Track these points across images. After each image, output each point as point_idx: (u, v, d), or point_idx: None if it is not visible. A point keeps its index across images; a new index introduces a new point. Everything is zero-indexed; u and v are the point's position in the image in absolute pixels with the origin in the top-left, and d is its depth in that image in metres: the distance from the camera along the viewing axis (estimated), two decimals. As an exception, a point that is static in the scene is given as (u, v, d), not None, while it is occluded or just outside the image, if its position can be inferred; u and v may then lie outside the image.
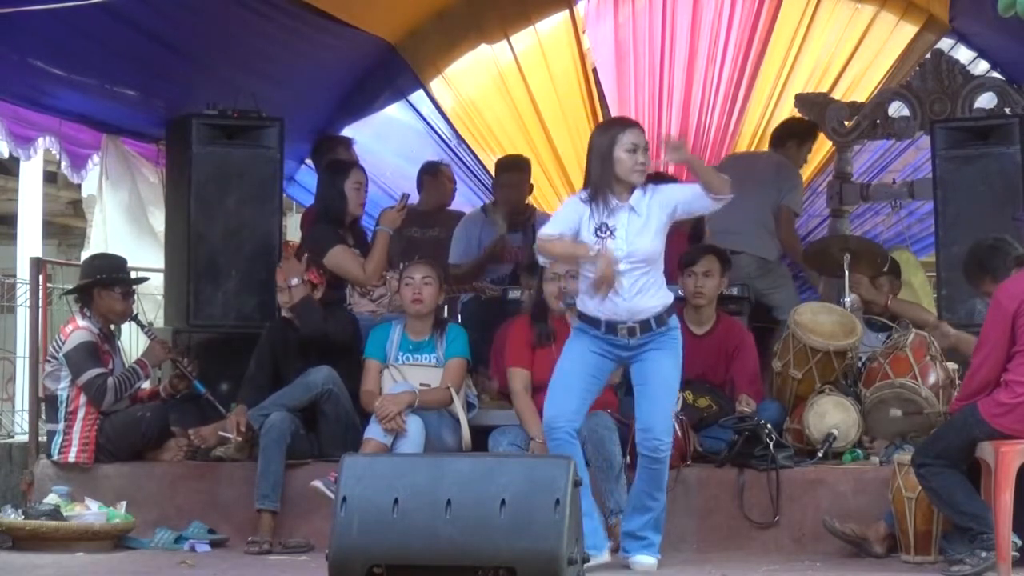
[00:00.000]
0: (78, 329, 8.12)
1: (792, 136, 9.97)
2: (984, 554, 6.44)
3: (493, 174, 10.13)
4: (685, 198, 6.75)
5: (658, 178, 9.71)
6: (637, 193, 6.68)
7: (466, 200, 10.70)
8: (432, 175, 9.91)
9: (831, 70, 10.58)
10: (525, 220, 9.53)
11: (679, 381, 6.87)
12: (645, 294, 6.65)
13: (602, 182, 6.63)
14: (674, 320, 6.77)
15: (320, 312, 8.06)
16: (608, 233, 6.61)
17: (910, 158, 10.51)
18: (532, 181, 9.89)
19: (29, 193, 11.68)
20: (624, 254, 6.60)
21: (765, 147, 10.72)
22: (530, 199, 9.92)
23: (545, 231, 6.73)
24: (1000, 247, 7.16)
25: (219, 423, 8.04)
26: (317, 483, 7.38)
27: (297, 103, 9.59)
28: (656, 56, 10.81)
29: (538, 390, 7.67)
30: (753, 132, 10.78)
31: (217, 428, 8.02)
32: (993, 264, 7.09)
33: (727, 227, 9.31)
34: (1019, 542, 6.47)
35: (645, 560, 6.76)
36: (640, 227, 6.64)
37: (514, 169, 9.76)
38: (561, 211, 6.88)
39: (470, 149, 10.89)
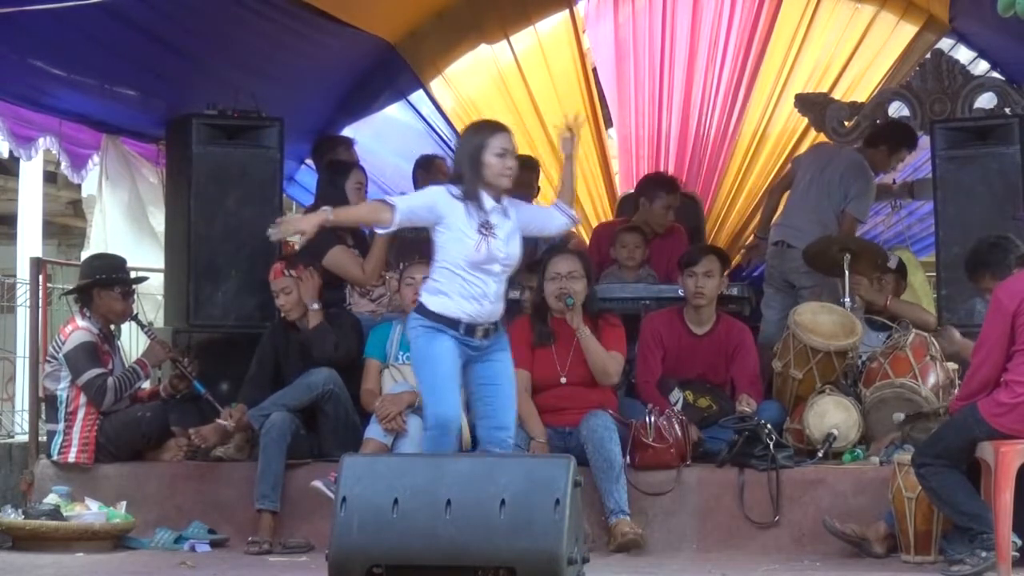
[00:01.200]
0: (78, 329, 8.12)
1: (886, 140, 9.49)
2: (984, 554, 6.44)
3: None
4: (539, 218, 6.78)
5: (660, 180, 9.79)
6: (505, 199, 6.62)
7: (466, 200, 10.68)
8: (426, 169, 9.89)
9: (831, 70, 10.58)
10: None
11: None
12: (502, 299, 6.62)
13: (472, 184, 6.54)
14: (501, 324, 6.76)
15: (333, 340, 8.01)
16: (490, 231, 6.52)
17: (910, 158, 10.49)
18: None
19: (29, 193, 11.69)
20: (504, 255, 6.54)
21: (765, 147, 10.75)
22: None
23: (403, 200, 6.60)
24: (1003, 245, 7.14)
25: (219, 424, 8.03)
26: (317, 483, 7.37)
27: (297, 103, 9.59)
28: (656, 56, 10.81)
29: (538, 390, 7.68)
30: (753, 132, 10.78)
31: (217, 427, 8.02)
32: (994, 260, 7.07)
33: (786, 220, 9.30)
34: (1019, 542, 6.47)
35: None
36: (511, 231, 6.59)
37: (526, 168, 9.76)
38: (424, 193, 6.73)
39: (470, 149, 10.87)
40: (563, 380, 7.65)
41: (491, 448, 6.60)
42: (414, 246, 9.27)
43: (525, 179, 9.72)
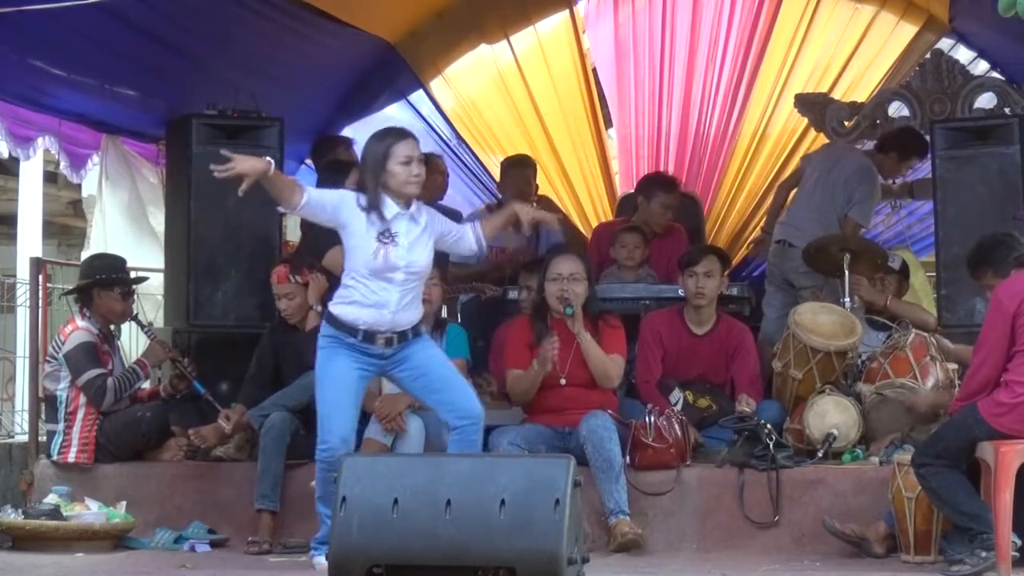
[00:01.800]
0: (77, 329, 8.12)
1: (897, 148, 9.44)
2: (984, 554, 6.44)
3: (499, 175, 10.13)
4: (451, 235, 6.74)
5: (658, 179, 9.79)
6: (415, 205, 6.62)
7: (465, 200, 10.69)
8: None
9: (831, 70, 10.57)
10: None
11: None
12: (410, 308, 6.61)
13: (374, 193, 6.55)
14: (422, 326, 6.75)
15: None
16: (391, 239, 6.54)
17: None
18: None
19: (29, 193, 11.69)
20: (405, 263, 6.54)
21: (765, 147, 10.75)
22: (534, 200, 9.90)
23: (315, 191, 6.70)
24: (1007, 243, 7.11)
25: (219, 424, 8.03)
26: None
27: (297, 103, 9.59)
28: (656, 56, 10.80)
29: (538, 391, 7.66)
30: (753, 132, 10.78)
31: (216, 427, 8.02)
32: (996, 257, 7.05)
33: (790, 219, 9.30)
34: (1019, 542, 6.47)
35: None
36: (417, 237, 6.59)
37: (524, 165, 9.79)
38: (335, 194, 6.74)
39: (470, 149, 10.88)
40: (562, 382, 7.65)
41: (456, 435, 6.63)
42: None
43: (526, 175, 9.74)
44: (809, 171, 9.47)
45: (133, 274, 8.54)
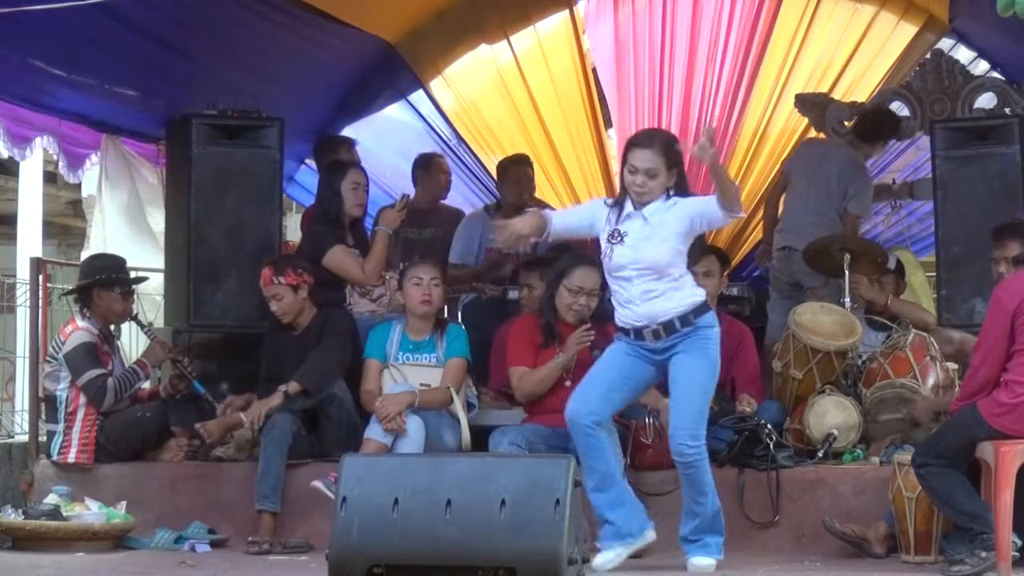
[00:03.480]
0: (77, 330, 8.12)
1: (869, 132, 9.58)
2: (984, 554, 6.43)
3: (496, 174, 10.13)
4: (700, 210, 6.68)
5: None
6: (657, 203, 6.65)
7: (465, 200, 10.70)
8: (426, 168, 9.89)
9: (831, 70, 10.57)
10: None
11: (711, 383, 6.70)
12: (660, 298, 6.61)
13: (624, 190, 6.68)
14: (705, 319, 6.66)
15: (318, 377, 7.98)
16: (619, 239, 6.62)
17: (910, 158, 10.50)
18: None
19: (29, 193, 11.70)
20: (628, 260, 6.60)
21: (765, 147, 10.75)
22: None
23: (557, 214, 6.86)
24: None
25: (225, 417, 8.03)
26: (317, 483, 7.38)
27: (297, 103, 9.59)
28: (656, 56, 10.80)
29: (543, 392, 7.64)
30: (753, 132, 10.77)
31: (222, 423, 8.01)
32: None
33: (789, 225, 9.31)
34: (1019, 542, 6.47)
35: (700, 561, 6.68)
36: (647, 235, 6.61)
37: (521, 163, 9.79)
38: (582, 205, 6.90)
39: (470, 149, 10.88)
40: (568, 384, 7.63)
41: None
42: (416, 247, 9.30)
43: (523, 173, 9.73)
44: (796, 176, 9.47)
45: (133, 274, 8.54)
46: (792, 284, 9.23)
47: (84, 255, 9.24)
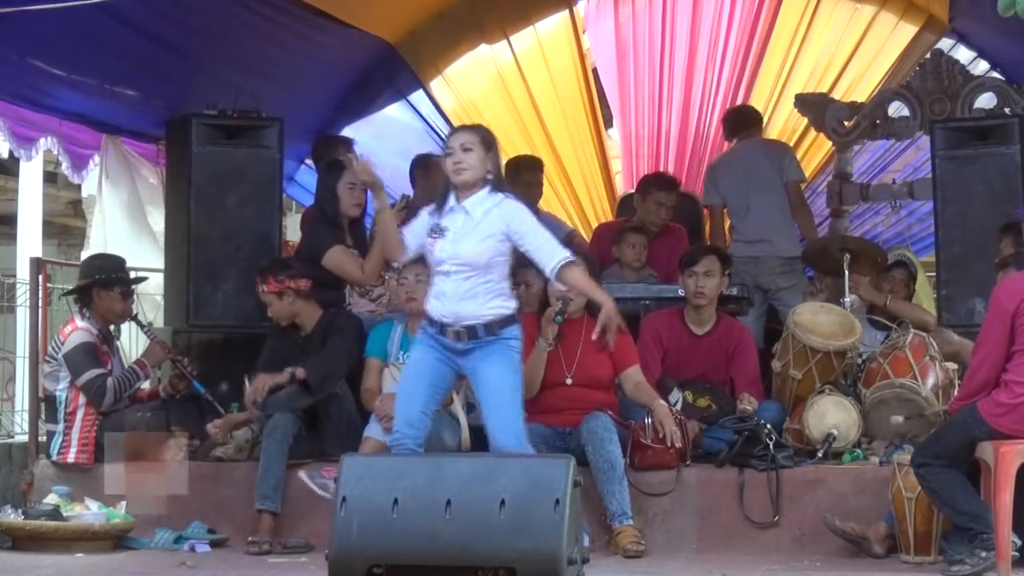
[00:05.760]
0: (77, 330, 8.12)
1: (727, 130, 10.09)
2: (984, 554, 6.44)
3: (505, 172, 10.07)
4: (524, 233, 6.51)
5: (654, 177, 9.79)
6: (479, 196, 6.53)
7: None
8: (424, 168, 9.86)
9: (831, 70, 10.58)
10: None
11: (519, 381, 6.59)
12: (471, 300, 6.49)
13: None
14: (510, 331, 6.53)
15: (323, 376, 7.96)
16: (439, 234, 6.53)
17: (910, 158, 10.51)
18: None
19: (29, 193, 11.69)
20: (448, 255, 6.50)
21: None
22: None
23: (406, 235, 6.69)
24: None
25: (232, 416, 8.03)
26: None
27: (297, 103, 9.59)
28: (656, 56, 10.81)
29: (543, 390, 7.62)
30: (753, 132, 10.77)
31: (229, 420, 8.00)
32: None
33: (751, 233, 9.36)
34: (1019, 542, 6.48)
35: None
36: (468, 230, 6.51)
37: (534, 167, 9.75)
38: (416, 219, 6.78)
39: (470, 149, 10.86)
40: (569, 381, 7.63)
41: None
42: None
43: (535, 178, 9.71)
44: (732, 185, 9.55)
45: (133, 274, 8.54)
46: (756, 287, 9.27)
47: (84, 255, 9.24)
